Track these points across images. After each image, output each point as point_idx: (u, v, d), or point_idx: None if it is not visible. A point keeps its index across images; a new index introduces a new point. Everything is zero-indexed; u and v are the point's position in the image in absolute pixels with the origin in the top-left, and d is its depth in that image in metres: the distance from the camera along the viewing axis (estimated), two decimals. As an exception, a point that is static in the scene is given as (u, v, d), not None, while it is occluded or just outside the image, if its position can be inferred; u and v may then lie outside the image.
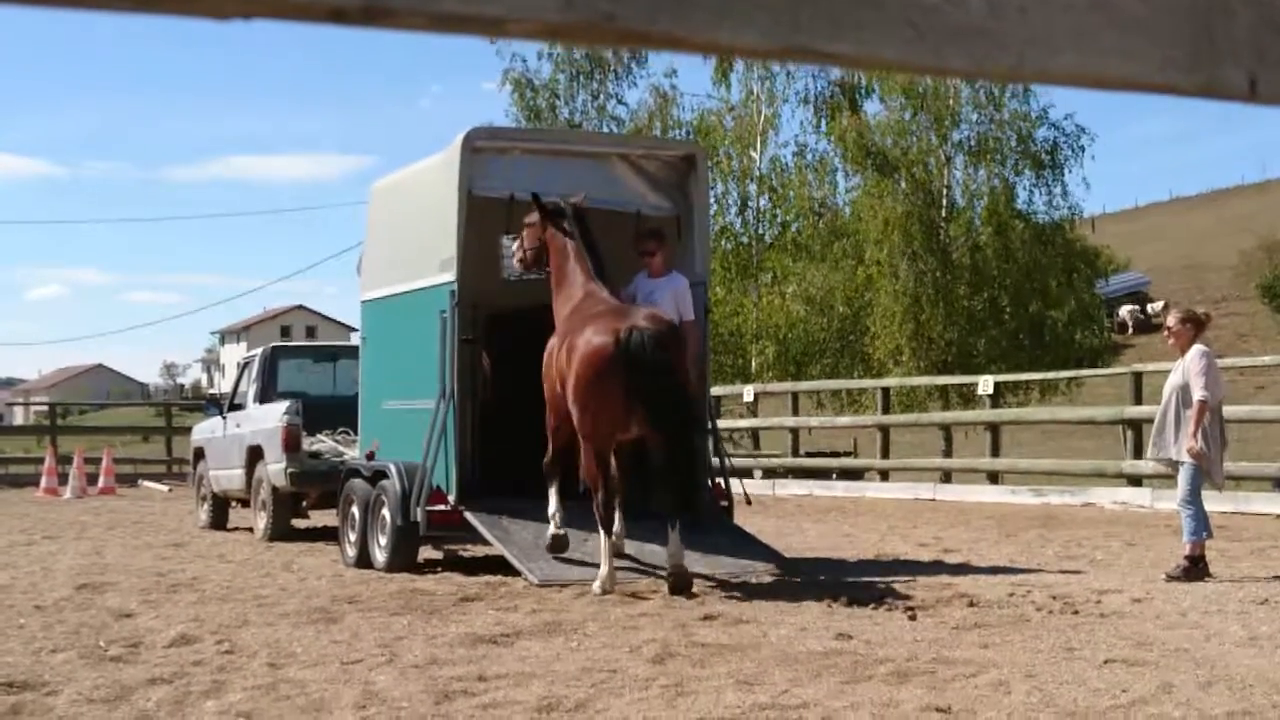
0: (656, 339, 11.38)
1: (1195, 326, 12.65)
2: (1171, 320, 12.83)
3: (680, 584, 11.28)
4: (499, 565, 12.86)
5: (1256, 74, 1.12)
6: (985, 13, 1.04)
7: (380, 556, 13.68)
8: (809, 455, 30.85)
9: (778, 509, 22.82)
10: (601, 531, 11.66)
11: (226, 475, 19.51)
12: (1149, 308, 70.86)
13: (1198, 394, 12.18)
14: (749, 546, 13.21)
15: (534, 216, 12.94)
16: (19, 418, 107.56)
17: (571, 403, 11.79)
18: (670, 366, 11.37)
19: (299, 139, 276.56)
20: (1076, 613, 10.10)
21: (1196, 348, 12.47)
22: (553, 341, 12.46)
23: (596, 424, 11.65)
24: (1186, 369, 12.37)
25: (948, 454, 29.31)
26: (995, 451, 24.97)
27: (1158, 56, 1.09)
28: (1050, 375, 31.72)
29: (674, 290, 13.20)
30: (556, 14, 0.92)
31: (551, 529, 12.25)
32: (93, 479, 30.56)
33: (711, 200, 38.28)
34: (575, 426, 11.86)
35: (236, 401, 20.04)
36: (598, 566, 11.87)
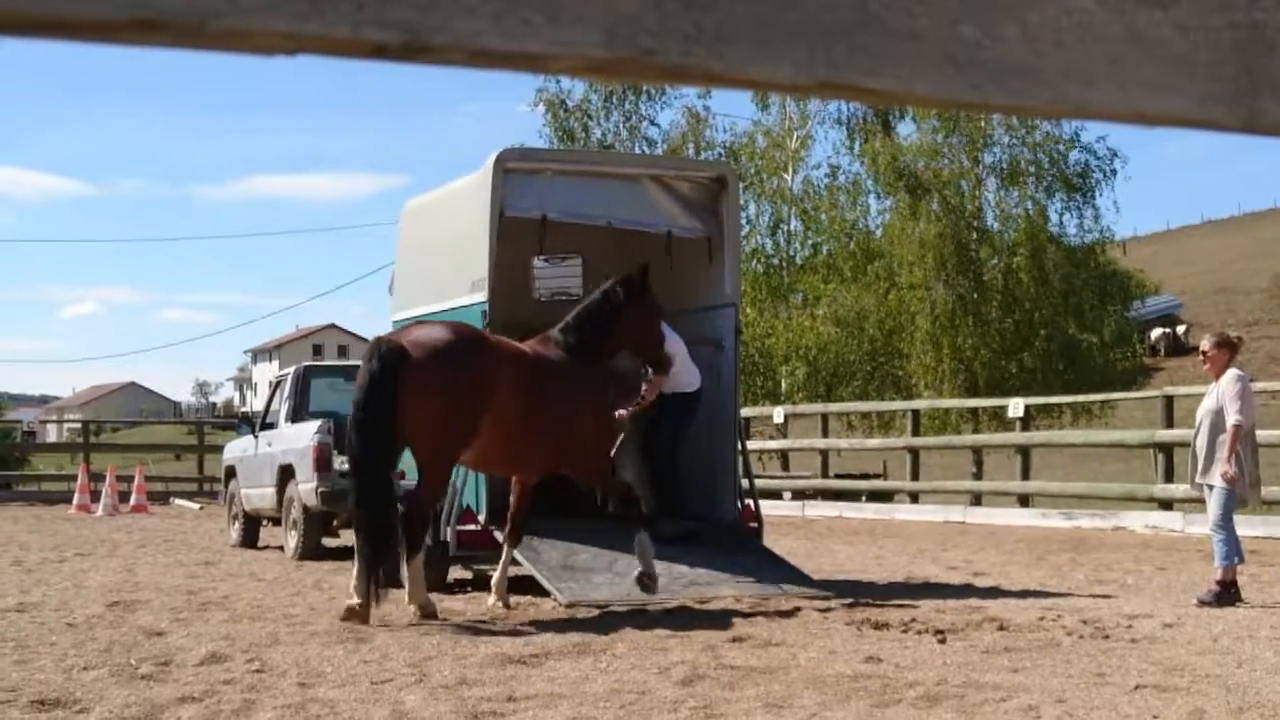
0: (374, 353, 11.28)
1: (1230, 351, 12.62)
2: (1206, 344, 12.79)
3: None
4: (528, 585, 12.86)
5: (1298, 109, 1.12)
6: (1023, 47, 1.05)
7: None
8: (839, 477, 30.80)
9: (807, 530, 22.79)
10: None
11: (258, 494, 19.56)
12: (1178, 330, 70.72)
13: (1232, 418, 12.14)
14: (778, 568, 13.20)
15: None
16: (52, 435, 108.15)
17: None
18: (368, 385, 11.15)
19: (330, 158, 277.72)
20: (1107, 638, 10.06)
21: (1231, 372, 12.44)
22: None
23: None
24: (1221, 393, 12.33)
25: (978, 477, 29.25)
26: (1026, 474, 24.89)
27: (1197, 91, 1.09)
28: (1081, 398, 31.64)
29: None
30: (598, 50, 0.93)
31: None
32: (125, 496, 30.68)
33: (743, 221, 38.36)
34: None
35: (268, 420, 20.11)
36: (628, 585, 11.91)
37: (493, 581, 12.15)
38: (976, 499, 26.28)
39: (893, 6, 1.00)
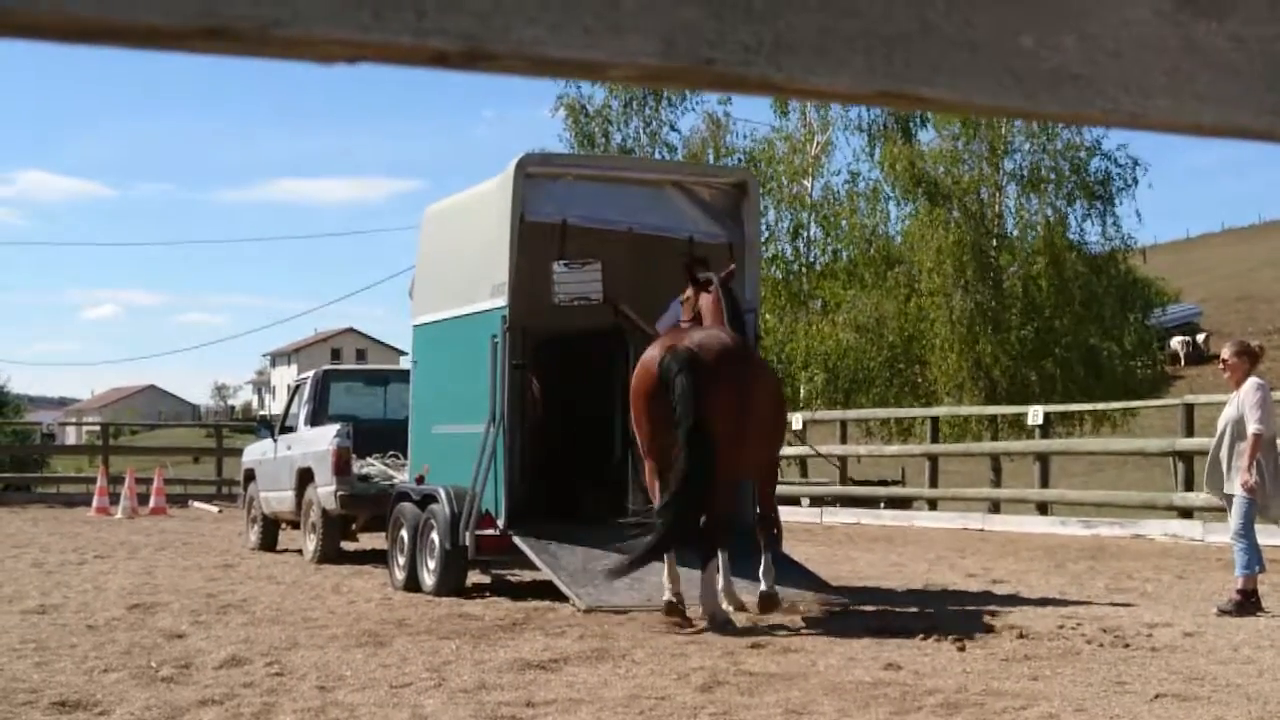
0: (688, 358, 11.18)
1: (1250, 359, 12.59)
2: (1227, 353, 12.77)
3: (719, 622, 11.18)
4: (547, 590, 12.86)
5: (1354, 120, 1.12)
6: (1080, 56, 1.05)
7: (429, 580, 13.70)
8: (857, 484, 30.75)
9: (826, 537, 22.76)
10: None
11: (277, 497, 19.59)
12: (1199, 338, 70.58)
13: (1252, 427, 12.11)
14: (797, 575, 13.18)
15: (688, 292, 12.84)
16: (71, 437, 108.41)
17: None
18: (692, 388, 11.04)
19: (350, 163, 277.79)
20: (1127, 646, 10.03)
21: (1252, 380, 12.41)
22: None
23: (651, 441, 11.59)
24: (1241, 402, 12.31)
25: (997, 484, 29.21)
26: (1044, 482, 24.83)
27: (1254, 103, 1.09)
28: (1101, 406, 31.55)
29: None
30: (656, 59, 0.93)
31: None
32: (144, 499, 30.73)
33: (763, 227, 38.30)
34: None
35: (287, 424, 20.14)
36: (648, 590, 11.92)
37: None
38: (995, 506, 26.21)
39: (951, 17, 1.00)
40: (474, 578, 14.29)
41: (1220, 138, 1.11)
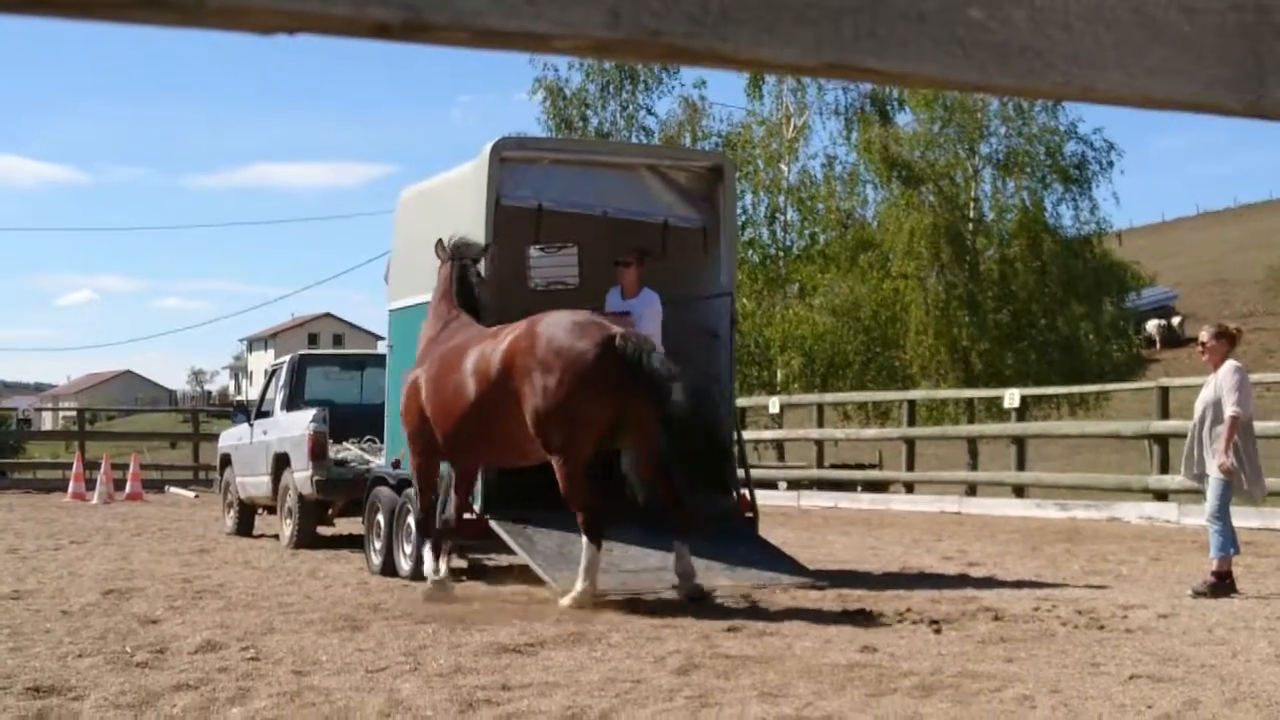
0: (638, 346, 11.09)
1: (1229, 342, 12.62)
2: (1205, 335, 12.79)
3: (693, 594, 11.30)
4: (523, 574, 12.86)
5: (1305, 94, 1.11)
6: (1030, 29, 1.04)
7: (405, 564, 13.69)
8: (834, 467, 30.79)
9: (802, 521, 22.78)
10: (588, 541, 11.25)
11: (253, 482, 19.54)
12: (1174, 322, 70.81)
13: (1230, 409, 12.14)
14: (773, 558, 13.19)
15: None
16: (47, 423, 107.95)
17: (550, 412, 11.23)
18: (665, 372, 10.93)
19: (327, 147, 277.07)
20: (1102, 628, 10.06)
21: (1230, 363, 12.44)
22: (415, 374, 12.41)
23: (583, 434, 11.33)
24: (1219, 384, 12.34)
25: (973, 467, 29.25)
26: (1021, 465, 24.89)
27: (1204, 76, 1.09)
28: (1077, 389, 31.61)
29: (648, 310, 13.27)
30: (602, 31, 0.92)
31: (441, 574, 12.09)
32: (120, 484, 30.65)
33: (739, 211, 38.31)
34: (553, 439, 11.31)
35: (264, 409, 20.08)
36: (623, 576, 11.92)
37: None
38: (972, 489, 26.26)
39: (899, -11, 1.00)
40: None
41: (1170, 110, 1.10)
